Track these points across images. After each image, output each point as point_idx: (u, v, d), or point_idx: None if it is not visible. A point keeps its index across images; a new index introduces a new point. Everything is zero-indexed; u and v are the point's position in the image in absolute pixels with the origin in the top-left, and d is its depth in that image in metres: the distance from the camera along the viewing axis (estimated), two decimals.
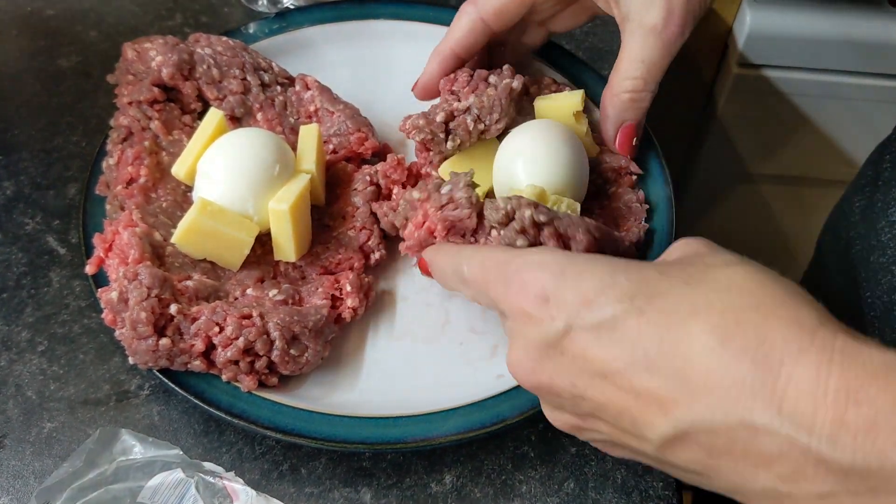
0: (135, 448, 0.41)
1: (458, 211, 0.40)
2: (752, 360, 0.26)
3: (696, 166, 0.99)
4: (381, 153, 0.52)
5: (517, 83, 0.48)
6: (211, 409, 0.41)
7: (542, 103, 0.50)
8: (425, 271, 0.42)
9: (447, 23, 0.58)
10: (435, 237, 0.41)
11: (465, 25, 0.49)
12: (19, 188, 0.52)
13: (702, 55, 0.86)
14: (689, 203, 1.02)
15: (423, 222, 0.41)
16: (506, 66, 0.49)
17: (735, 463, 0.27)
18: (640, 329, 0.29)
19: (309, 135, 0.48)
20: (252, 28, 0.57)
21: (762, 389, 0.26)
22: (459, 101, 0.48)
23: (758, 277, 0.29)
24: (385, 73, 0.58)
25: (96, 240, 0.44)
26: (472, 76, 0.50)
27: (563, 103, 0.50)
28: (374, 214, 0.48)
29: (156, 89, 0.49)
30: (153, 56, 0.49)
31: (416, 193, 0.42)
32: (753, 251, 0.33)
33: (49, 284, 0.48)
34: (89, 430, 0.43)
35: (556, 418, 0.34)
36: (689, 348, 0.28)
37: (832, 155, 0.92)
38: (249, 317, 0.42)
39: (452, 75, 0.50)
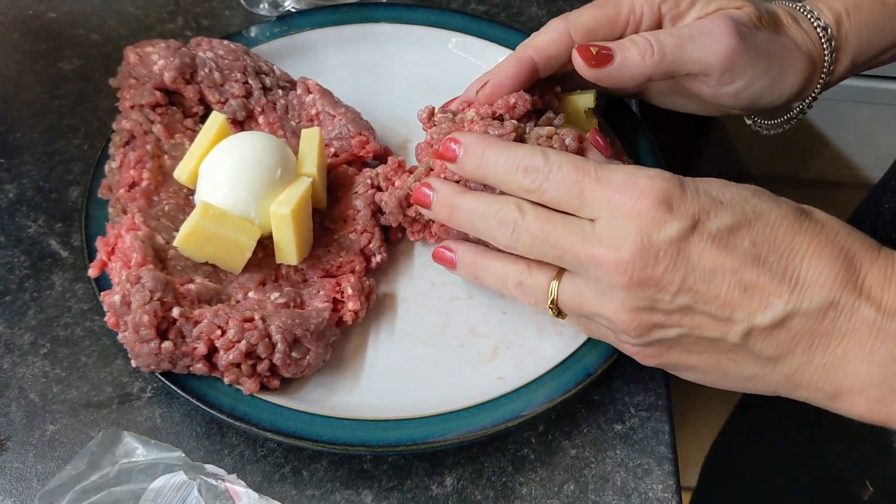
0: (137, 450, 0.41)
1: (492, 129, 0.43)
2: (842, 263, 0.36)
3: (697, 168, 0.99)
4: (381, 156, 0.52)
5: (572, 142, 0.45)
6: (213, 412, 0.41)
7: (554, 99, 0.50)
8: (440, 258, 0.45)
9: (448, 26, 0.59)
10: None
11: (550, 35, 0.47)
12: (22, 191, 0.52)
13: None
14: None
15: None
16: (569, 131, 0.45)
17: (810, 343, 0.36)
18: (754, 237, 0.36)
19: (310, 138, 0.49)
20: (253, 31, 0.57)
21: (848, 282, 0.35)
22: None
23: (820, 211, 0.38)
24: (385, 76, 0.58)
25: (99, 243, 0.45)
26: (528, 112, 0.47)
27: (577, 100, 0.50)
28: (375, 217, 0.48)
29: (158, 93, 0.49)
30: (155, 60, 0.49)
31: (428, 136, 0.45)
32: None
33: (51, 287, 0.48)
34: (92, 433, 0.43)
35: (637, 320, 0.38)
36: (792, 254, 0.36)
37: (832, 157, 0.93)
38: (251, 320, 0.42)
39: (513, 101, 0.46)
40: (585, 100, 0.50)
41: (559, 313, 0.42)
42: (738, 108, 0.48)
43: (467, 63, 0.58)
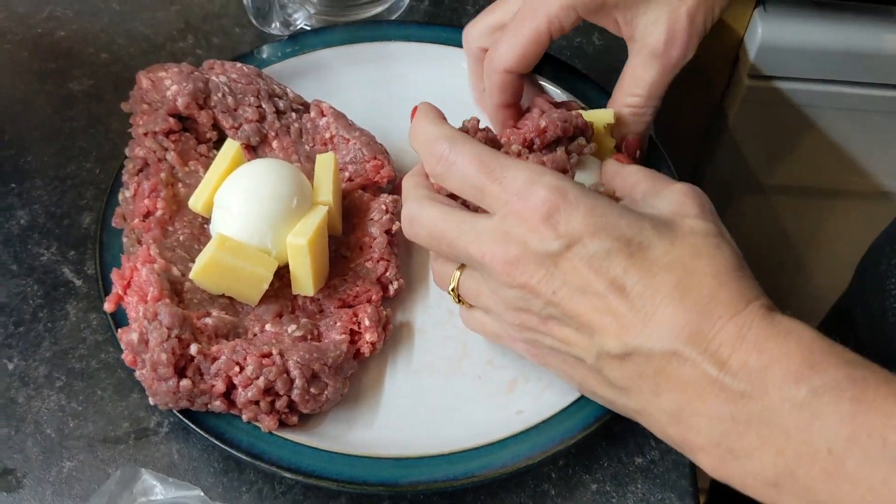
0: (155, 488, 0.41)
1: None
2: (699, 311, 0.35)
3: (707, 176, 0.99)
4: (396, 181, 0.52)
5: (588, 149, 0.48)
6: (231, 451, 0.41)
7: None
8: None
9: (459, 44, 0.58)
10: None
11: (496, 82, 0.50)
12: (33, 217, 0.52)
13: (712, 66, 0.86)
14: None
15: None
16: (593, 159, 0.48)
17: (656, 385, 0.36)
18: (627, 268, 0.36)
19: (325, 165, 0.48)
20: (265, 52, 0.56)
21: (698, 333, 0.34)
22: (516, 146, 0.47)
23: (722, 250, 0.37)
24: (399, 95, 0.57)
25: (114, 276, 0.44)
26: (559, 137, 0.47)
27: (597, 115, 0.50)
28: (391, 244, 0.48)
29: (171, 119, 0.49)
30: (168, 85, 0.49)
31: None
32: (763, 259, 0.36)
33: (66, 318, 0.48)
34: (109, 469, 0.43)
35: (515, 318, 0.39)
36: (656, 292, 0.35)
37: (844, 166, 0.92)
38: (269, 355, 0.42)
39: (543, 124, 0.46)
40: (606, 115, 0.50)
41: (460, 301, 0.43)
42: None
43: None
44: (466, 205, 0.43)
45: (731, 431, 0.34)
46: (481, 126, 0.46)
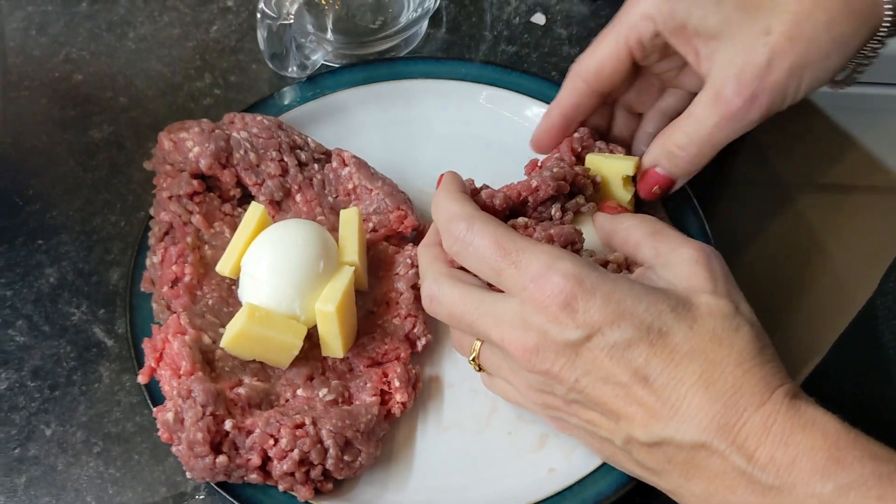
0: None
1: None
2: (724, 403, 0.35)
3: (727, 174, 0.98)
4: (420, 228, 0.52)
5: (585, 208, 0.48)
6: None
7: (595, 159, 0.50)
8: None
9: (477, 79, 0.58)
10: None
11: (569, 88, 0.49)
12: (62, 275, 0.52)
13: None
14: (722, 208, 1.01)
15: None
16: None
17: (686, 471, 0.36)
18: (648, 357, 0.36)
19: (350, 221, 0.48)
20: (286, 98, 0.56)
21: (725, 425, 0.35)
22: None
23: (741, 333, 0.37)
24: (418, 135, 0.57)
25: (146, 347, 0.45)
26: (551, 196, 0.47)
27: (616, 164, 0.49)
28: (417, 300, 0.48)
29: (195, 182, 0.49)
30: (190, 147, 0.49)
31: None
32: (786, 255, 0.37)
33: (99, 380, 0.49)
34: None
35: (538, 398, 0.40)
36: (680, 383, 0.36)
37: (862, 160, 0.91)
38: (302, 425, 0.42)
39: (534, 184, 0.46)
40: (625, 166, 0.49)
41: (480, 369, 0.43)
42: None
43: (499, 117, 0.58)
44: None
45: None
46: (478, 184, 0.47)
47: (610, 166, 0.49)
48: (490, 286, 0.41)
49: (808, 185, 0.95)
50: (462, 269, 0.42)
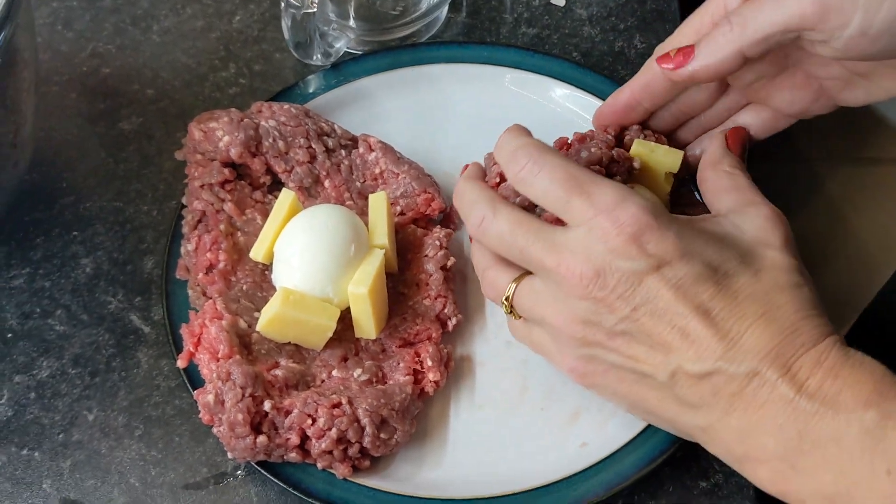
0: None
1: None
2: (783, 339, 0.37)
3: (749, 152, 0.98)
4: (446, 210, 0.52)
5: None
6: (309, 500, 0.43)
7: (643, 147, 0.49)
8: None
9: (502, 62, 0.59)
10: None
11: (643, 76, 0.48)
12: (98, 265, 0.53)
13: None
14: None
15: None
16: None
17: (729, 403, 0.37)
18: (713, 294, 0.38)
19: (378, 205, 0.49)
20: (310, 86, 0.57)
21: (780, 357, 0.37)
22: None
23: (802, 290, 0.39)
24: (443, 119, 0.58)
25: (184, 332, 0.46)
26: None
27: (661, 159, 0.49)
28: (447, 281, 0.49)
29: (226, 170, 0.50)
30: (220, 136, 0.50)
31: None
32: (810, 232, 0.43)
33: (138, 366, 0.50)
34: None
35: (579, 331, 0.40)
36: (741, 319, 0.37)
37: (891, 135, 0.91)
38: (339, 405, 0.43)
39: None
40: (672, 162, 0.49)
41: (511, 311, 0.43)
42: (889, 48, 0.40)
43: (523, 99, 0.58)
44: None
45: (797, 449, 0.36)
46: None
47: (658, 158, 0.48)
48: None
49: (831, 158, 0.95)
50: None
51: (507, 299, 0.43)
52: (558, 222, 0.41)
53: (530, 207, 0.45)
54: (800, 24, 0.40)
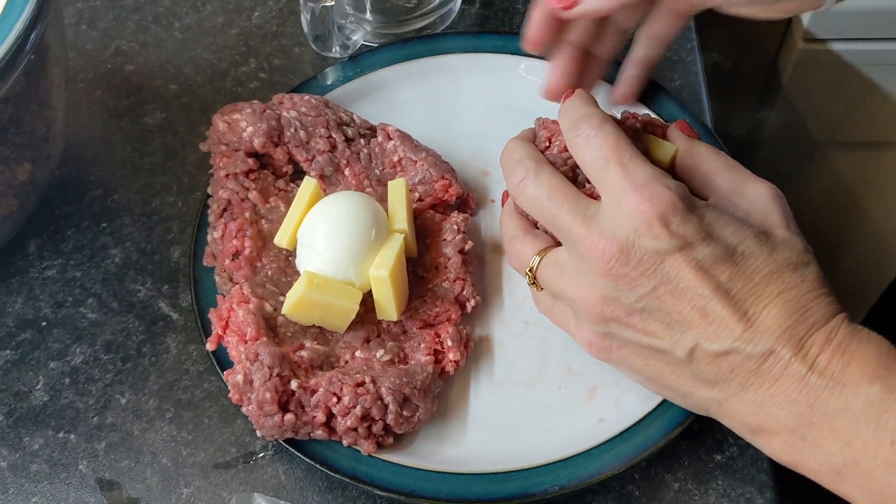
0: None
1: None
2: (797, 318, 0.39)
3: (762, 135, 0.98)
4: (463, 196, 0.54)
5: None
6: (335, 475, 0.44)
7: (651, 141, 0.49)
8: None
9: (516, 51, 0.60)
10: None
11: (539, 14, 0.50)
12: (126, 255, 0.55)
13: (765, 32, 0.85)
14: (755, 168, 1.02)
15: None
16: None
17: (745, 380, 0.39)
18: (732, 275, 0.39)
19: (397, 191, 0.50)
20: (328, 78, 0.58)
21: (794, 336, 0.38)
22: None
23: (811, 268, 0.41)
24: (459, 108, 0.59)
25: (212, 316, 0.47)
26: None
27: (663, 150, 0.48)
28: (465, 264, 0.50)
29: (250, 160, 0.51)
30: (244, 127, 0.51)
31: None
32: (822, 217, 0.41)
33: (167, 351, 0.51)
34: (224, 493, 0.47)
35: (598, 307, 0.41)
36: (759, 299, 0.39)
37: None
38: (363, 384, 0.44)
39: None
40: (662, 153, 0.49)
41: (534, 283, 0.45)
42: None
43: (537, 86, 0.59)
44: None
45: (807, 421, 0.38)
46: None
47: (659, 151, 0.48)
48: None
49: (841, 142, 0.95)
50: None
51: (530, 270, 0.45)
52: (595, 199, 0.43)
53: (573, 180, 0.46)
54: None
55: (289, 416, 0.43)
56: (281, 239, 0.49)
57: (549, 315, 0.47)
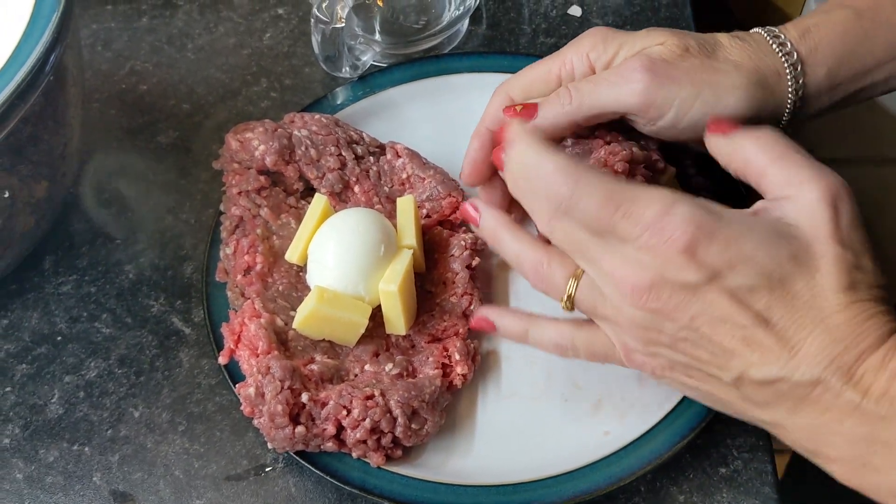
0: None
1: None
2: (845, 346, 0.36)
3: None
4: None
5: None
6: (345, 487, 0.45)
7: None
8: (464, 213, 0.45)
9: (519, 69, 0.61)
10: None
11: (496, 104, 0.51)
12: (140, 271, 0.56)
13: None
14: None
15: None
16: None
17: (794, 406, 0.37)
18: (770, 303, 0.37)
19: (406, 208, 0.51)
20: (339, 97, 0.59)
21: (843, 365, 0.36)
22: None
23: (859, 289, 0.37)
24: (465, 126, 0.59)
25: (225, 331, 0.48)
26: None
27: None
28: (472, 279, 0.51)
29: (261, 178, 0.52)
30: (256, 145, 0.52)
31: None
32: None
33: (180, 365, 0.52)
34: None
35: (642, 335, 0.40)
36: (801, 328, 0.37)
37: None
38: (372, 397, 0.45)
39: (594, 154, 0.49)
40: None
41: (572, 308, 0.42)
42: (691, 139, 0.47)
43: None
44: None
45: (867, 450, 0.36)
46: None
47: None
48: None
49: (852, 160, 0.96)
50: None
51: (568, 298, 0.42)
52: None
53: None
54: (626, 109, 0.46)
55: (300, 429, 0.44)
56: (292, 255, 0.50)
57: (587, 346, 0.44)
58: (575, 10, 0.68)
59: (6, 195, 0.47)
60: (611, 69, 0.47)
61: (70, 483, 0.49)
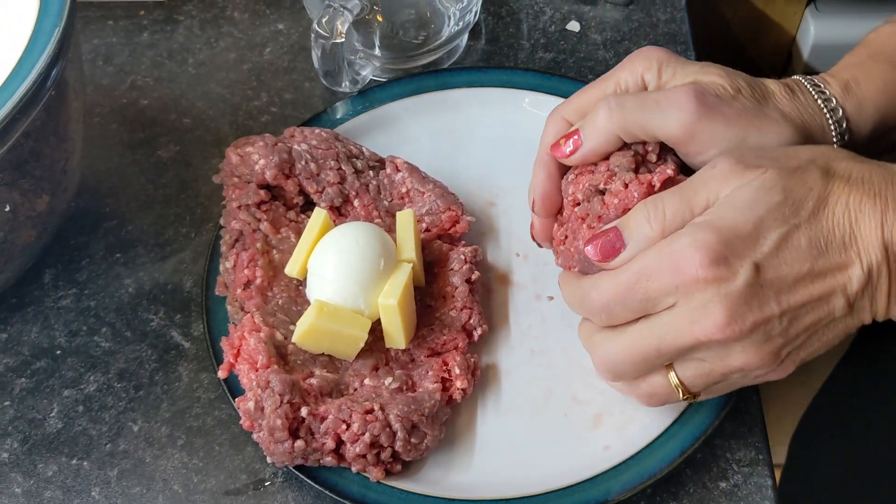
0: None
1: None
2: (882, 207, 0.40)
3: None
4: (470, 228, 0.55)
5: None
6: (345, 502, 0.45)
7: None
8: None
9: (521, 85, 0.61)
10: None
11: (552, 130, 0.50)
12: (140, 284, 0.56)
13: (765, 66, 0.87)
14: None
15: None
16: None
17: (890, 279, 0.40)
18: (804, 236, 0.40)
19: (406, 222, 0.51)
20: (338, 112, 0.60)
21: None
22: None
23: (826, 166, 0.41)
24: (465, 141, 0.60)
25: (224, 345, 0.48)
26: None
27: None
28: (472, 293, 0.51)
29: (261, 192, 0.52)
30: (256, 160, 0.52)
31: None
32: None
33: (179, 379, 0.52)
34: None
35: (766, 349, 0.40)
36: (840, 226, 0.40)
37: None
38: (372, 411, 0.45)
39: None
40: None
41: (694, 396, 0.43)
42: None
43: (541, 120, 0.59)
44: None
45: None
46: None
47: None
48: None
49: None
50: None
51: (682, 389, 0.43)
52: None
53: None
54: (668, 137, 0.46)
55: (299, 443, 0.44)
56: (292, 269, 0.50)
57: (717, 393, 0.44)
58: (573, 26, 0.68)
59: (7, 209, 0.47)
60: (660, 91, 0.46)
61: (69, 497, 0.49)
